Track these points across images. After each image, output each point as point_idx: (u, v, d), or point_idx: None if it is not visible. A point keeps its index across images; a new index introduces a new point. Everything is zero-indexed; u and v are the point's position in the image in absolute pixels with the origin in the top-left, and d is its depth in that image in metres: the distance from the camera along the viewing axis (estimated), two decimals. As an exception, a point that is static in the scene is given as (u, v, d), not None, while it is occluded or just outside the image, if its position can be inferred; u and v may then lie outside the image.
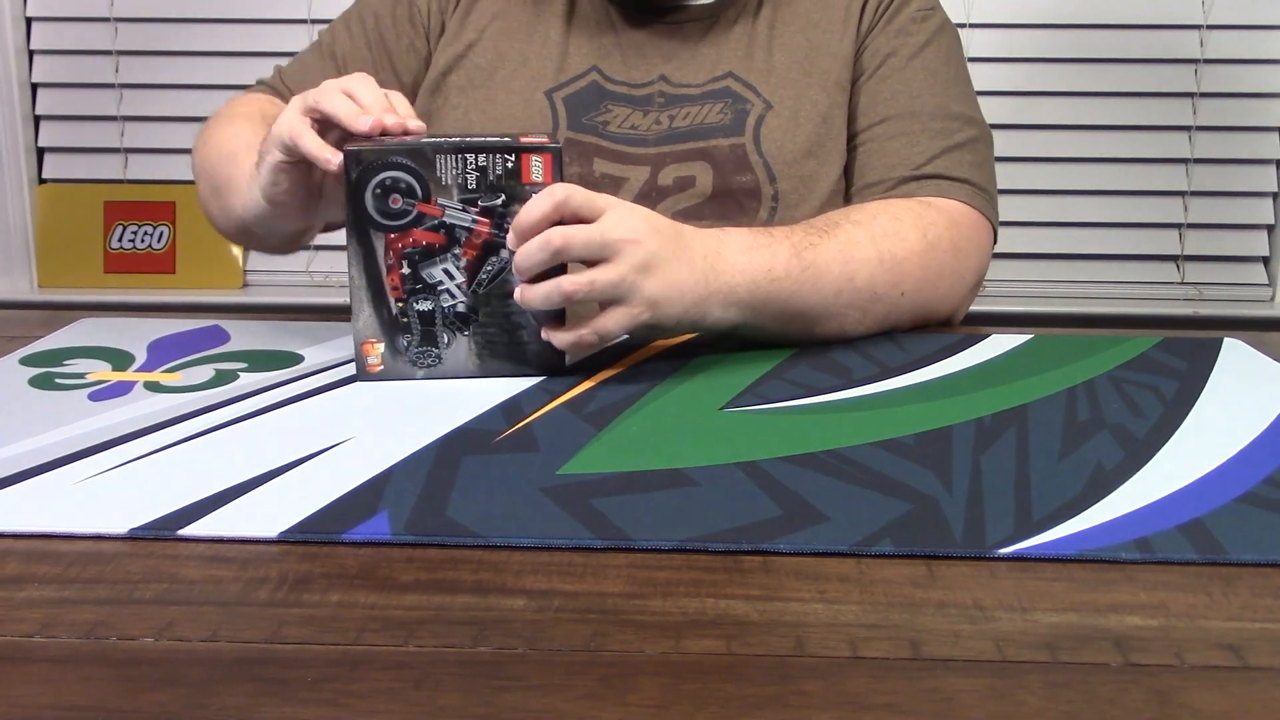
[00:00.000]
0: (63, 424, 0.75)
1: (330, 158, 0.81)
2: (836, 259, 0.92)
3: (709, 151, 1.09)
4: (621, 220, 0.80)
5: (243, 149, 0.98)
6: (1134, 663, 0.49)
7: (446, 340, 0.84)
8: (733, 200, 1.09)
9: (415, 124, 0.85)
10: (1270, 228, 1.98)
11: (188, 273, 2.00)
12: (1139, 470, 0.70)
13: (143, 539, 0.59)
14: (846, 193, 1.12)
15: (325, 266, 2.00)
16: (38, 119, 2.02)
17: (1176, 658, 0.49)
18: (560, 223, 0.80)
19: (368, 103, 0.85)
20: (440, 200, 0.81)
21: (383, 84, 1.09)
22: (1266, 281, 1.99)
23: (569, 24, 1.13)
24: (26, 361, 0.89)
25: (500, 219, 0.82)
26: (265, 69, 1.97)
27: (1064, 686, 0.47)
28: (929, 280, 0.98)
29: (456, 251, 0.82)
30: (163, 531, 0.60)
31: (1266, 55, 1.93)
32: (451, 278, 0.82)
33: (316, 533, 0.60)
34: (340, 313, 0.97)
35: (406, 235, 0.82)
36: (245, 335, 0.96)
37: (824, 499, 0.65)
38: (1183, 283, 1.99)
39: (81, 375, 0.85)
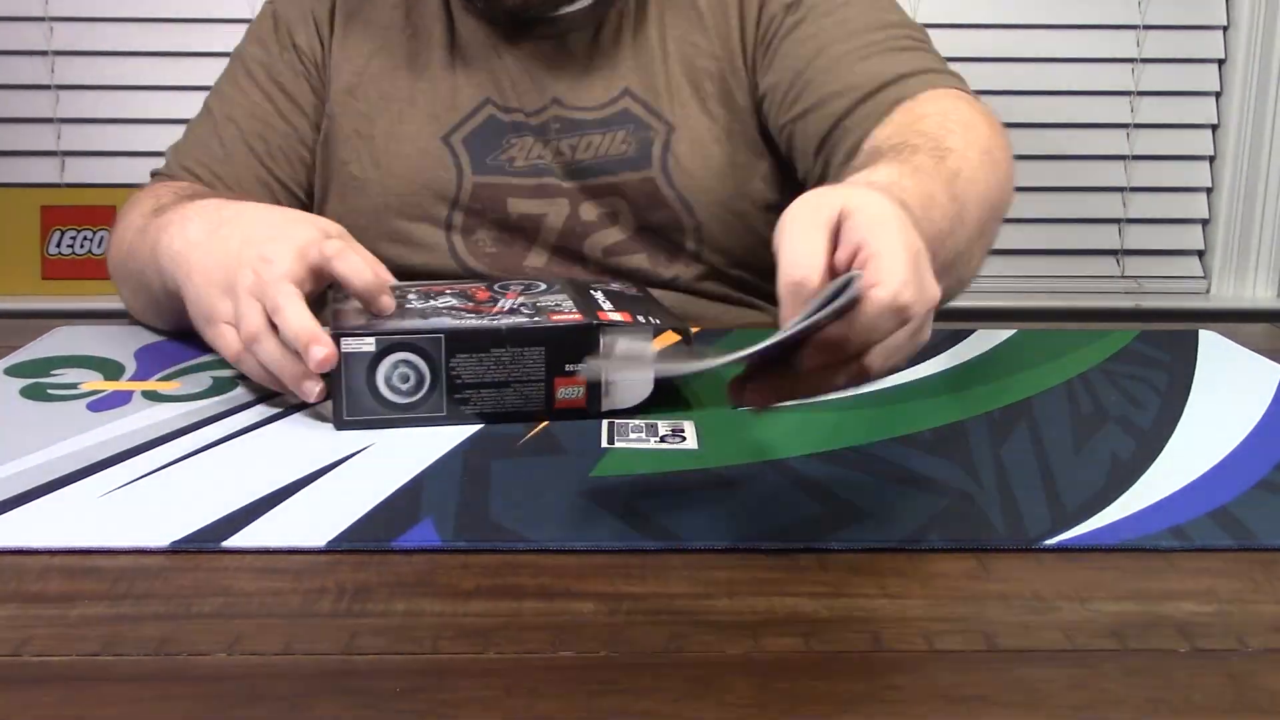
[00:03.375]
0: (67, 436, 0.73)
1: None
2: (968, 177, 0.80)
3: (619, 188, 1.04)
4: (885, 254, 0.57)
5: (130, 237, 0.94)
6: (1201, 648, 0.50)
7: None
8: (658, 235, 1.05)
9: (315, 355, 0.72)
10: (1205, 222, 2.04)
11: (130, 278, 1.95)
12: (1155, 460, 0.71)
13: (186, 552, 0.58)
14: (808, 152, 0.99)
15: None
16: (-31, 122, 1.96)
17: (1240, 642, 0.51)
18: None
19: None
20: None
21: (289, 129, 1.06)
22: (1202, 274, 2.05)
23: (451, 53, 1.06)
24: (12, 372, 0.87)
25: None
26: (207, 69, 1.93)
27: (1141, 674, 0.48)
28: (1003, 168, 0.89)
29: None
30: (206, 544, 0.58)
31: (1201, 55, 1.98)
32: None
33: (365, 541, 0.59)
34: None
35: None
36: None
37: (861, 496, 0.65)
38: (1123, 276, 2.04)
39: (74, 385, 0.83)
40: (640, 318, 0.78)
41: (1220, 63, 1.99)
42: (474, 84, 1.05)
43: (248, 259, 0.75)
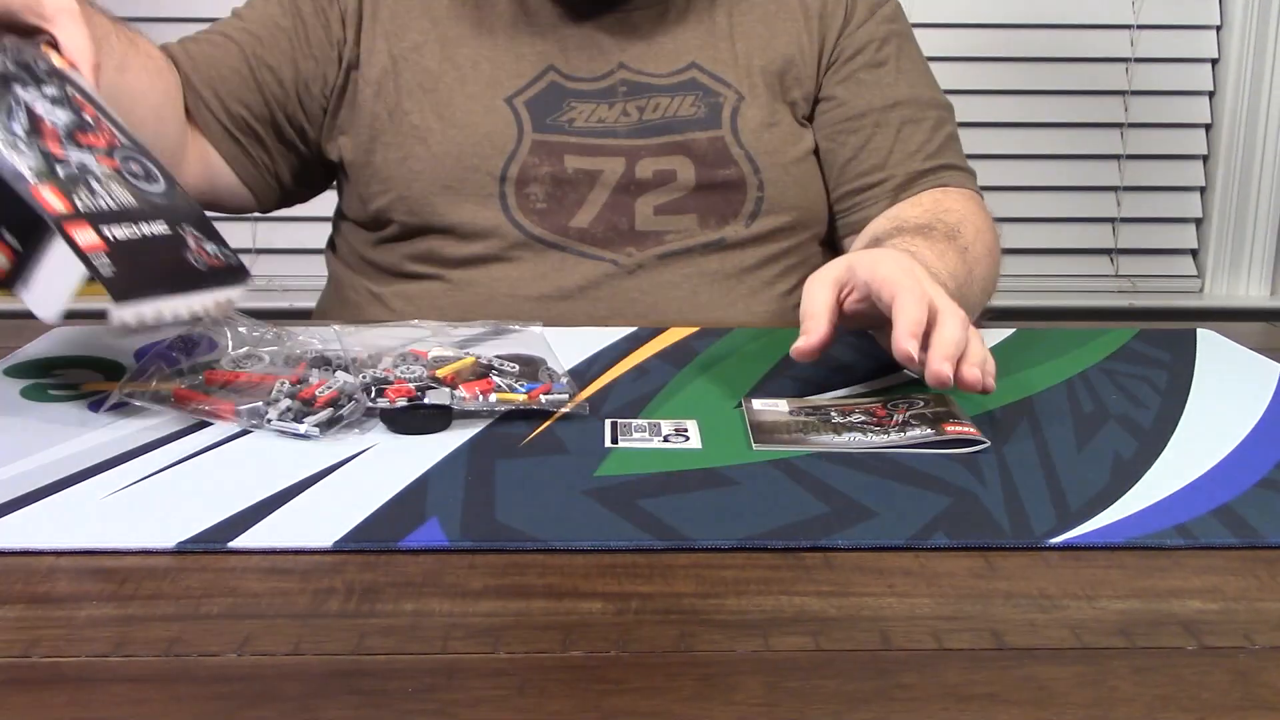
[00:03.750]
0: (70, 437, 0.73)
1: None
2: (974, 258, 1.01)
3: (687, 145, 1.09)
4: (914, 292, 0.77)
5: None
6: (1208, 646, 0.50)
7: None
8: (716, 193, 1.09)
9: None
10: (1198, 221, 2.05)
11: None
12: (1157, 459, 0.72)
13: (193, 552, 0.58)
14: (836, 175, 1.13)
15: (265, 270, 1.97)
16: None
17: (1246, 639, 0.51)
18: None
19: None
20: None
21: (294, 60, 1.09)
22: (1196, 273, 2.06)
23: (515, 26, 1.11)
24: (11, 373, 0.86)
25: None
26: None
27: (1149, 671, 0.48)
28: (996, 264, 1.09)
29: None
30: (213, 544, 0.58)
31: (1193, 54, 1.99)
32: None
33: (372, 541, 0.59)
34: (284, 317, 0.94)
35: None
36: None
37: (866, 494, 0.65)
38: (1117, 275, 2.05)
39: (75, 386, 0.83)
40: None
41: (1214, 62, 2.00)
42: (537, 52, 1.10)
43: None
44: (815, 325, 0.79)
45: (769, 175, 1.09)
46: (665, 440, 0.73)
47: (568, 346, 0.90)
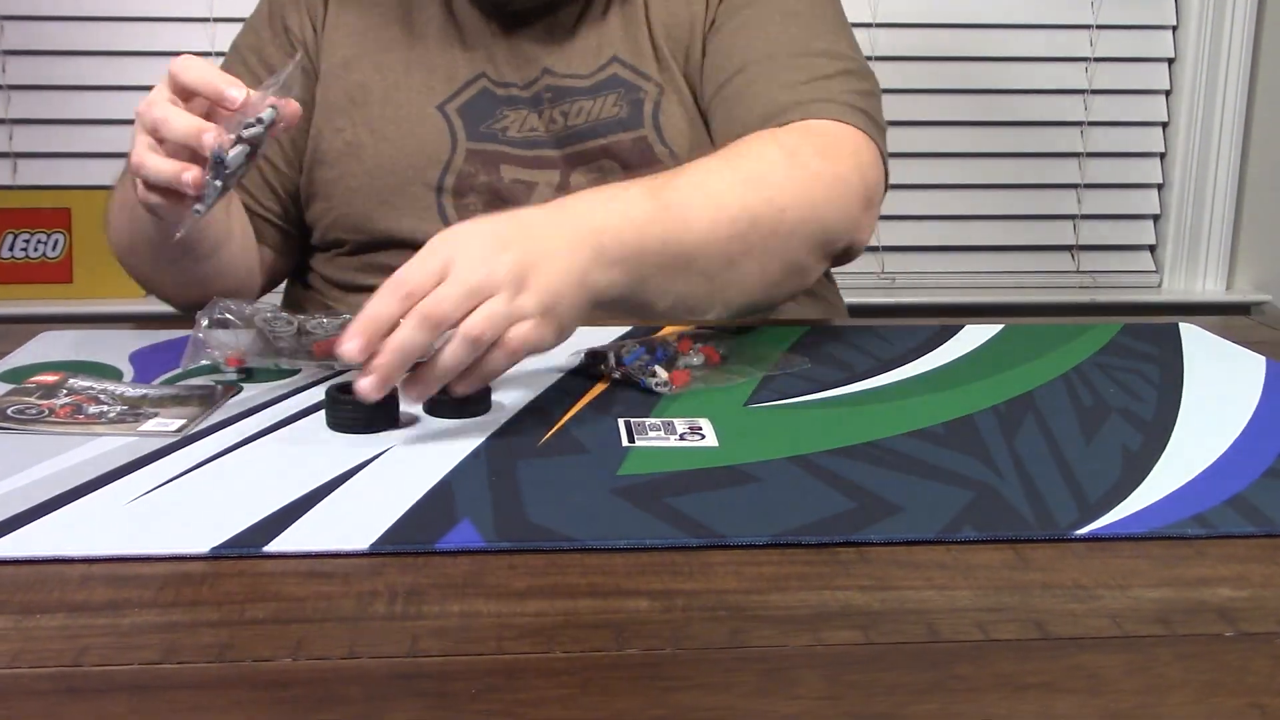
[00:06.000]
0: (78, 443, 0.72)
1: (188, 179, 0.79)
2: (695, 189, 0.86)
3: (612, 149, 1.06)
4: (464, 253, 0.72)
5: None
6: (1246, 632, 0.52)
7: None
8: None
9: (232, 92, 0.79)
10: (1156, 217, 2.09)
11: (86, 282, 1.92)
12: (1164, 451, 0.73)
13: (229, 557, 0.57)
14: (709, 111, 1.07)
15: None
16: (-85, 123, 1.91)
17: (1280, 625, 0.52)
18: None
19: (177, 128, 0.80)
20: None
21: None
22: (1154, 268, 2.10)
23: (445, 35, 1.10)
24: (5, 378, 0.85)
25: None
26: (160, 68, 1.91)
27: (1194, 658, 0.49)
28: (806, 190, 0.92)
29: None
30: (248, 549, 0.58)
31: (1151, 54, 2.02)
32: None
33: (408, 543, 0.59)
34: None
35: None
36: (229, 345, 0.93)
37: (888, 490, 0.66)
38: (1078, 271, 2.08)
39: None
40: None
41: (1170, 62, 2.04)
42: (467, 59, 1.09)
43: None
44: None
45: None
46: (681, 439, 0.73)
47: (563, 345, 0.89)
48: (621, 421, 0.76)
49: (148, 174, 0.81)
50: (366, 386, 0.70)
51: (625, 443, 0.73)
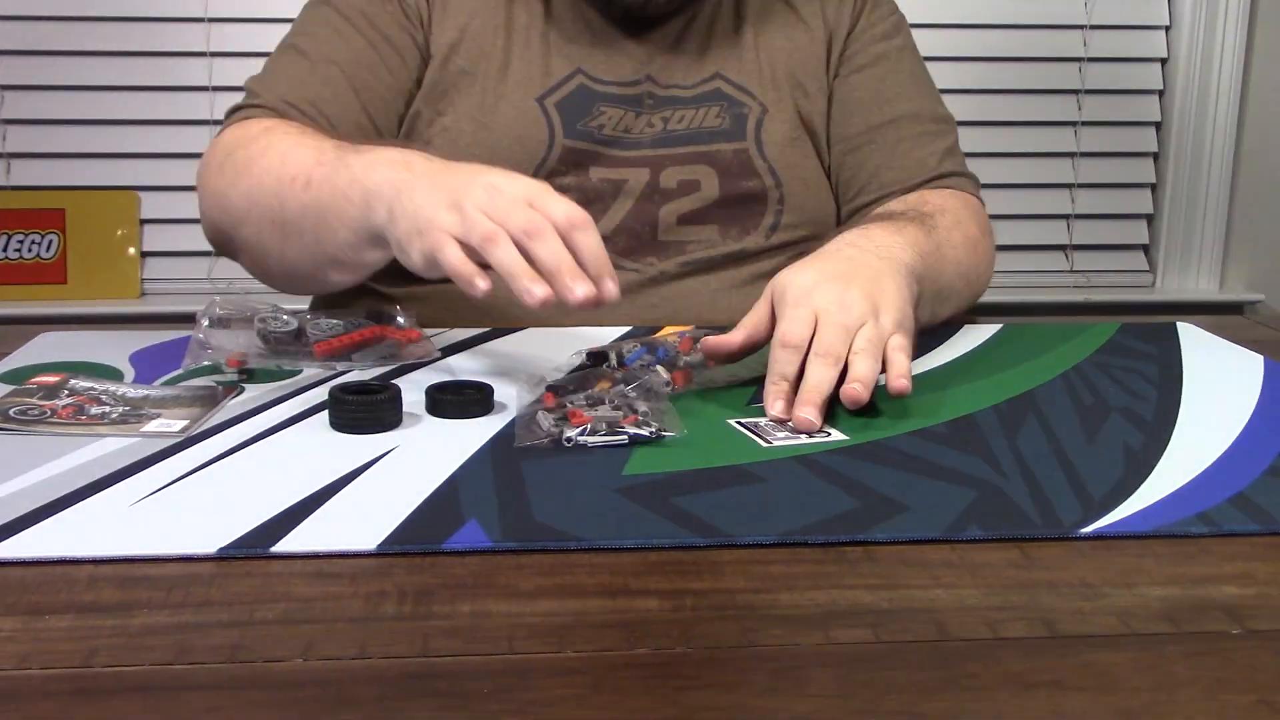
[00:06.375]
0: (82, 444, 0.72)
1: (481, 284, 0.76)
2: (946, 239, 1.01)
3: (712, 156, 1.09)
4: (822, 300, 0.81)
5: (306, 171, 0.90)
6: (1253, 629, 0.52)
7: None
8: (739, 204, 1.09)
9: (610, 290, 0.76)
10: (1150, 217, 2.10)
11: (81, 282, 1.91)
12: (1165, 450, 0.73)
13: (235, 558, 0.57)
14: (843, 192, 1.15)
15: (227, 273, 1.94)
16: (-92, 123, 1.90)
17: (1286, 622, 0.53)
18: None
19: (545, 261, 0.75)
20: None
21: (392, 80, 1.06)
22: (1148, 268, 2.10)
23: (546, 25, 1.09)
24: (6, 379, 0.85)
25: None
26: (159, 69, 1.91)
27: (1202, 655, 0.50)
28: (982, 259, 1.09)
29: None
30: (255, 549, 0.58)
31: (1144, 54, 2.03)
32: None
33: (415, 544, 0.59)
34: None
35: None
36: (229, 345, 0.93)
37: (892, 489, 0.66)
38: (1072, 270, 2.08)
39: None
40: None
41: (1163, 62, 2.04)
42: (564, 55, 1.09)
43: (479, 185, 0.80)
44: (734, 333, 0.84)
45: (790, 189, 1.10)
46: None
47: (563, 345, 0.89)
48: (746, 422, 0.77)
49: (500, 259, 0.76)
50: (807, 418, 0.76)
51: (763, 444, 0.73)
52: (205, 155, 1.03)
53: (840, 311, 0.81)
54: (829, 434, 0.75)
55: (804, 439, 0.74)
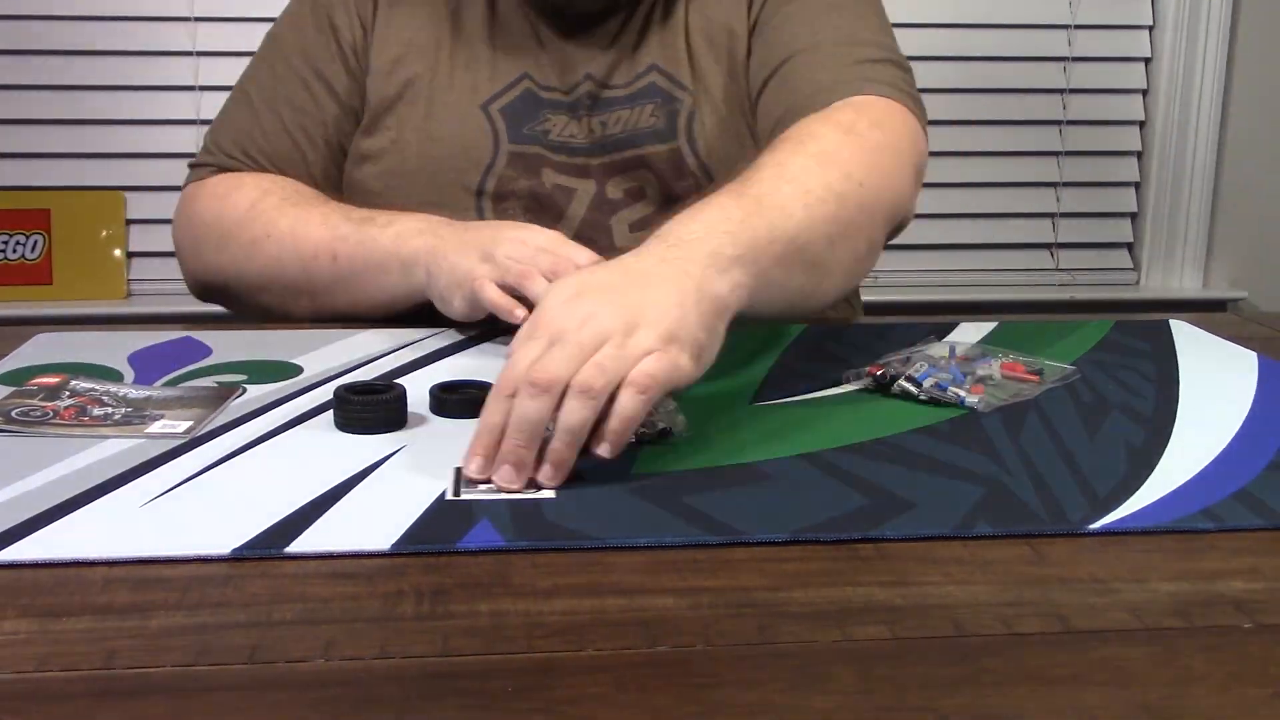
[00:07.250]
0: (86, 445, 0.71)
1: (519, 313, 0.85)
2: (777, 179, 0.83)
3: (647, 160, 1.08)
4: (562, 320, 0.69)
5: (329, 245, 0.99)
6: (1264, 624, 0.52)
7: None
8: (680, 207, 1.04)
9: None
10: (1134, 215, 2.11)
11: (66, 283, 1.90)
12: (1167, 446, 0.74)
13: (249, 559, 0.57)
14: (761, 145, 1.02)
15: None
16: (-109, 123, 1.89)
17: (1297, 616, 0.53)
18: None
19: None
20: None
21: (324, 117, 1.09)
22: (1132, 266, 2.12)
23: (491, 30, 1.10)
24: (5, 380, 0.84)
25: None
26: (144, 69, 1.90)
27: (1216, 649, 0.50)
28: (872, 161, 0.90)
29: None
30: (269, 550, 0.58)
31: (1128, 53, 2.05)
32: None
33: (429, 543, 0.59)
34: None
35: None
36: (227, 347, 0.93)
37: (900, 486, 0.67)
38: (1057, 269, 2.10)
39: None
40: None
41: (1147, 61, 2.06)
42: (511, 60, 1.09)
43: (505, 238, 0.91)
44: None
45: (722, 184, 1.03)
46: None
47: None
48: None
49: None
50: (504, 476, 0.65)
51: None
52: (181, 219, 1.10)
53: (576, 329, 0.68)
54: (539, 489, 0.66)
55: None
